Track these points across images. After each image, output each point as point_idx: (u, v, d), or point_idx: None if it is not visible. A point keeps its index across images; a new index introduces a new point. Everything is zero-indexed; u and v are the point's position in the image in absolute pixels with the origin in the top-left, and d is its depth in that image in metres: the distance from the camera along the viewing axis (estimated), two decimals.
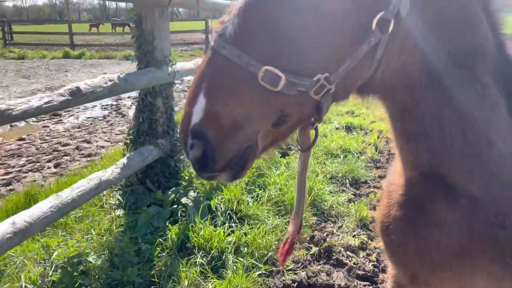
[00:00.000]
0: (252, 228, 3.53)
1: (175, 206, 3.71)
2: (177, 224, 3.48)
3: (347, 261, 3.31)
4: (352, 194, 4.49)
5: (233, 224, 3.60)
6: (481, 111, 1.19)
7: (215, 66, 1.02)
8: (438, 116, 1.18)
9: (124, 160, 3.63)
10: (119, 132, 7.71)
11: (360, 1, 1.02)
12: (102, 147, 6.83)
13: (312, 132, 1.28)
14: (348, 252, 3.46)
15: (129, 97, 10.53)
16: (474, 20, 1.19)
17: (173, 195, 3.80)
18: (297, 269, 3.20)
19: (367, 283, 3.10)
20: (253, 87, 1.00)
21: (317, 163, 5.16)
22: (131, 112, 8.28)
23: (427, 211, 1.33)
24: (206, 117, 1.00)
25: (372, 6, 1.03)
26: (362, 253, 3.46)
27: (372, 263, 3.30)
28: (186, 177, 4.25)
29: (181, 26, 25.23)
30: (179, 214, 3.63)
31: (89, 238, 3.41)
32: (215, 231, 3.35)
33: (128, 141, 4.17)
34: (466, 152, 1.21)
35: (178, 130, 2.15)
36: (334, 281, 3.06)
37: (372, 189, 4.64)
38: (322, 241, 3.57)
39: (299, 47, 1.01)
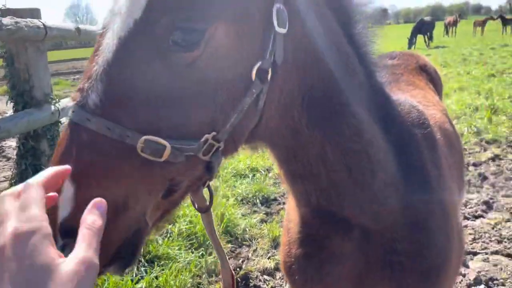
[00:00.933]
0: (163, 269, 3.31)
1: None
2: None
3: (265, 286, 3.26)
4: (264, 214, 4.49)
5: (142, 269, 3.34)
6: (360, 145, 1.20)
7: (80, 144, 0.83)
8: (322, 155, 1.17)
9: None
10: (4, 179, 6.86)
11: (237, 55, 0.94)
12: None
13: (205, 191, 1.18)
14: (265, 276, 3.41)
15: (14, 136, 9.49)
16: (347, 59, 1.20)
17: None
18: None
19: None
20: (132, 161, 0.85)
21: (227, 187, 5.09)
22: None
23: (325, 246, 1.33)
24: (77, 209, 0.78)
25: (250, 58, 0.97)
26: (278, 274, 3.44)
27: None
28: None
29: (71, 54, 23.76)
30: None
31: None
32: (122, 281, 3.07)
33: None
34: (353, 186, 1.22)
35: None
36: None
37: (282, 206, 4.69)
38: (238, 269, 3.47)
39: (180, 109, 0.89)
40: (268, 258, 3.65)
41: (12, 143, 9.32)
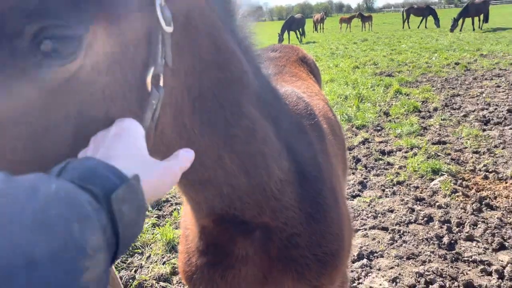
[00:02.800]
0: None
1: None
2: None
3: None
4: (156, 217, 4.30)
5: None
6: (255, 145, 1.16)
7: None
8: (219, 162, 1.10)
9: None
10: None
11: (125, 62, 0.79)
12: None
13: None
14: (161, 283, 3.26)
15: None
16: (231, 56, 1.11)
17: None
18: None
19: None
20: None
21: None
22: None
23: (228, 251, 1.29)
24: None
25: (140, 64, 0.82)
26: (175, 279, 3.32)
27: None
28: None
29: None
30: None
31: None
32: None
33: None
34: (252, 187, 1.19)
35: None
36: None
37: (174, 207, 4.54)
38: (131, 280, 3.26)
39: (62, 139, 0.73)
40: (163, 263, 3.49)
41: None
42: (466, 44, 17.97)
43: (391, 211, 4.22)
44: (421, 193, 4.57)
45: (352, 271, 3.30)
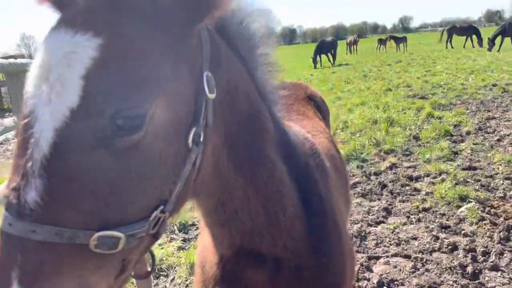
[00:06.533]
0: None
1: None
2: None
3: None
4: (182, 241, 4.45)
5: None
6: (274, 185, 1.33)
7: (25, 254, 0.77)
8: (245, 200, 1.27)
9: None
10: None
11: (176, 126, 0.95)
12: None
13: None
14: None
15: None
16: (259, 106, 1.31)
17: None
18: None
19: None
20: (85, 260, 0.82)
21: None
22: None
23: (241, 280, 1.44)
24: None
25: (186, 126, 0.99)
26: None
27: None
28: None
29: None
30: None
31: None
32: None
33: None
34: (270, 224, 1.34)
35: None
36: None
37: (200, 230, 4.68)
38: None
39: (128, 193, 0.86)
40: (186, 286, 3.62)
41: None
42: (505, 64, 17.45)
43: (415, 239, 4.18)
44: (447, 220, 4.49)
45: None
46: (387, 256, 3.92)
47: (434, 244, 4.01)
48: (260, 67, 1.38)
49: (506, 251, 3.76)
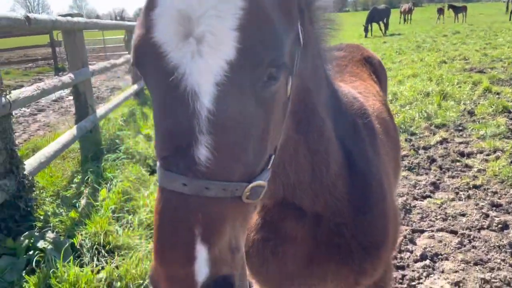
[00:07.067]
0: (124, 259, 3.33)
1: (31, 253, 3.29)
2: (35, 274, 3.10)
3: None
4: None
5: (103, 259, 3.35)
6: (323, 144, 1.33)
7: (196, 211, 0.79)
8: (294, 156, 1.27)
9: None
10: None
11: (286, 78, 0.97)
12: None
13: None
14: None
15: None
16: (319, 68, 1.32)
17: (27, 240, 3.37)
18: None
19: None
20: (239, 208, 0.87)
21: None
22: None
23: (280, 231, 1.46)
24: (214, 265, 0.79)
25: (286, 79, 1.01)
26: None
27: None
28: (41, 217, 3.81)
29: (22, 42, 22.59)
30: (36, 261, 3.23)
31: None
32: (82, 272, 3.07)
33: None
34: (314, 180, 1.34)
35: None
36: None
37: None
38: None
39: (264, 141, 0.91)
40: None
41: None
42: None
43: (463, 215, 4.05)
44: (499, 199, 4.30)
45: (413, 271, 3.27)
46: (432, 231, 3.84)
47: (484, 221, 3.87)
48: (316, 22, 1.32)
49: None
